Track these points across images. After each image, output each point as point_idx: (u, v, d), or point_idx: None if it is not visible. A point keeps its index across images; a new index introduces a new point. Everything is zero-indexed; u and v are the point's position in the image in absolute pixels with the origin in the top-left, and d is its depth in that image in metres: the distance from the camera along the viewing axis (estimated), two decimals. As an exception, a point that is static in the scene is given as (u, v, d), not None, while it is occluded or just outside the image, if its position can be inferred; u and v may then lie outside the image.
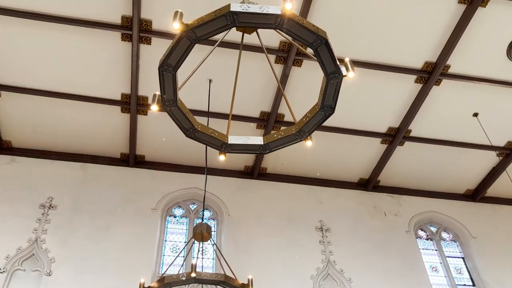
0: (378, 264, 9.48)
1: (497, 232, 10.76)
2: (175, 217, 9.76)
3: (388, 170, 10.71)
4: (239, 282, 5.58)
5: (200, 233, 6.03)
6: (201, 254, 7.92)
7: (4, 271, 7.87)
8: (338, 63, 3.30)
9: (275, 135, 3.67)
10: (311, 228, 9.83)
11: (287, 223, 9.78)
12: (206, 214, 9.85)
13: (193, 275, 5.30)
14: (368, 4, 8.06)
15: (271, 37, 7.96)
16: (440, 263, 10.13)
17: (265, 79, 8.93)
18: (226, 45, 7.90)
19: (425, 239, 10.62)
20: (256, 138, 3.68)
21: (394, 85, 9.20)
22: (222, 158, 4.03)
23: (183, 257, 8.68)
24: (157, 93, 3.49)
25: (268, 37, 7.55)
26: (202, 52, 4.71)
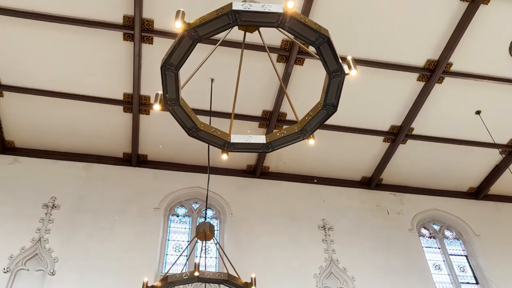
0: (381, 263, 9.47)
1: (500, 230, 10.73)
2: (178, 216, 9.77)
3: (391, 169, 10.69)
4: (242, 281, 5.58)
5: (203, 232, 6.04)
6: (204, 253, 7.92)
7: (8, 271, 7.89)
8: (341, 61, 3.30)
9: (278, 134, 3.68)
10: (314, 227, 9.83)
11: (290, 222, 9.78)
12: (209, 213, 9.86)
13: (196, 274, 5.31)
14: (370, 2, 8.04)
15: (273, 36, 7.96)
16: (443, 261, 10.12)
17: (267, 78, 8.93)
18: (228, 44, 7.90)
19: (428, 237, 10.60)
20: (259, 137, 3.68)
21: (396, 83, 9.19)
22: (225, 157, 4.04)
23: (186, 256, 8.69)
24: (160, 93, 3.49)
25: (270, 36, 7.54)
26: (204, 52, 4.71)
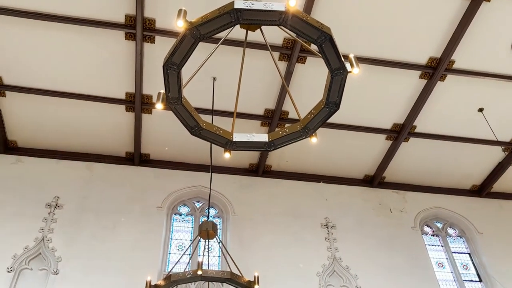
0: (384, 261, 9.46)
1: (504, 228, 10.71)
2: (181, 215, 9.78)
3: (393, 167, 10.68)
4: (245, 279, 5.59)
5: (206, 231, 6.03)
6: (207, 252, 7.92)
7: (12, 270, 7.92)
8: (343, 59, 3.29)
9: (280, 132, 3.67)
10: (317, 225, 9.83)
11: (293, 220, 9.78)
12: (212, 212, 9.87)
13: (199, 273, 5.31)
14: (372, 0, 8.02)
15: (275, 34, 7.95)
16: (447, 259, 10.11)
17: (269, 77, 8.92)
18: (230, 43, 7.89)
19: (431, 235, 10.59)
20: (261, 135, 3.67)
21: (399, 81, 9.17)
22: (227, 156, 4.04)
23: (189, 255, 8.70)
24: (162, 91, 3.49)
25: (272, 34, 7.53)
26: (206, 51, 4.71)
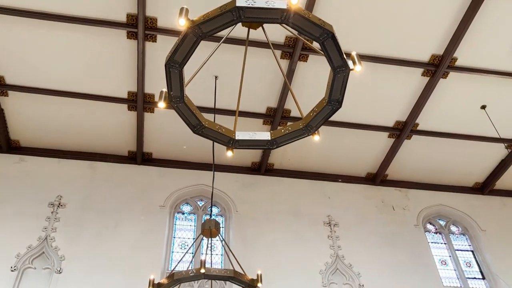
0: (387, 258, 9.46)
1: (507, 225, 10.70)
2: (183, 214, 9.80)
3: (396, 164, 10.67)
4: (248, 278, 5.59)
5: (209, 229, 6.03)
6: (210, 250, 7.92)
7: (15, 269, 7.94)
8: (345, 57, 3.28)
9: (283, 130, 3.66)
10: (319, 223, 9.82)
11: (295, 218, 9.78)
12: (214, 211, 9.87)
13: (202, 271, 5.32)
14: (374, -2, 8.02)
15: (277, 33, 7.94)
16: (450, 257, 10.10)
17: (271, 75, 8.91)
18: (232, 42, 7.88)
19: (434, 233, 10.58)
20: (264, 134, 3.67)
21: (401, 79, 9.15)
22: (230, 154, 4.04)
23: (192, 254, 8.71)
24: (164, 90, 3.49)
25: (274, 33, 7.52)
26: (208, 49, 4.71)
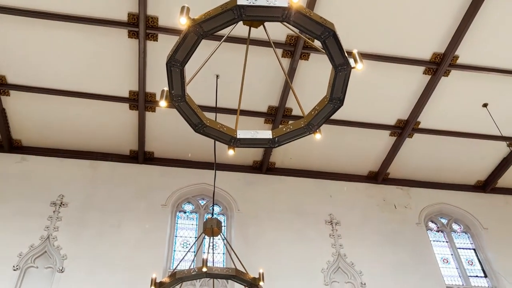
0: (389, 257, 9.46)
1: (509, 223, 10.68)
2: (185, 213, 9.80)
3: (398, 163, 10.66)
4: (250, 276, 5.59)
5: (211, 228, 6.04)
6: (212, 249, 7.93)
7: (17, 269, 7.96)
8: (347, 55, 3.28)
9: (284, 129, 3.66)
10: (321, 222, 9.82)
11: (297, 217, 9.78)
12: (216, 209, 9.88)
13: (204, 270, 5.32)
14: (375, -4, 8.00)
15: (278, 31, 7.93)
16: (451, 255, 10.09)
17: (272, 74, 8.91)
18: (233, 40, 7.88)
19: (436, 231, 10.57)
20: (265, 132, 3.67)
21: (403, 77, 9.14)
22: (231, 153, 4.04)
23: (194, 252, 8.72)
24: (166, 89, 3.49)
25: (275, 31, 7.52)
26: (209, 48, 4.71)
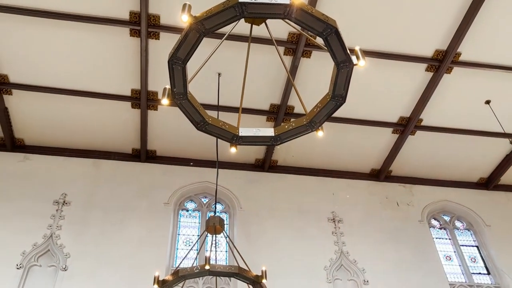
0: (392, 254, 9.45)
1: (511, 220, 10.65)
2: (188, 211, 9.82)
3: (400, 160, 10.64)
4: (253, 274, 5.59)
5: (213, 226, 6.04)
6: (214, 247, 7.94)
7: (21, 267, 7.98)
8: (349, 52, 3.27)
9: (286, 126, 3.65)
10: (324, 220, 9.82)
11: (299, 215, 9.78)
12: (218, 207, 9.89)
13: (207, 268, 5.32)
14: (377, -7, 7.98)
15: (280, 29, 7.92)
16: (454, 252, 10.08)
17: (274, 72, 8.90)
18: (235, 38, 7.88)
19: (439, 228, 10.56)
20: (267, 130, 3.67)
21: (405, 74, 9.11)
22: (234, 150, 4.04)
23: (197, 250, 8.73)
24: (168, 87, 3.49)
25: (277, 29, 7.50)
26: (211, 46, 4.70)
